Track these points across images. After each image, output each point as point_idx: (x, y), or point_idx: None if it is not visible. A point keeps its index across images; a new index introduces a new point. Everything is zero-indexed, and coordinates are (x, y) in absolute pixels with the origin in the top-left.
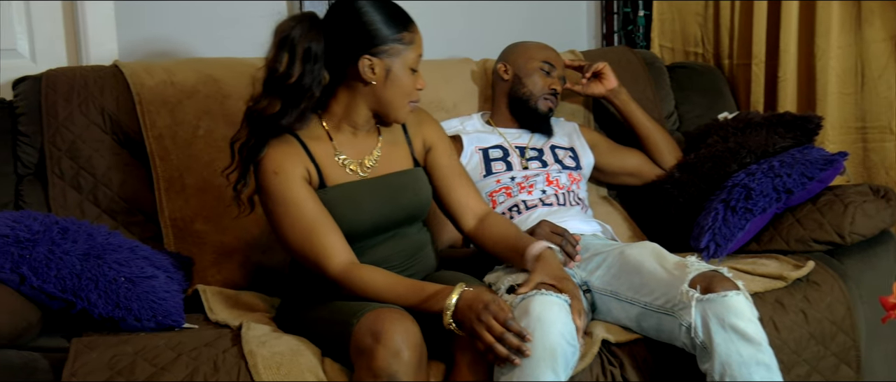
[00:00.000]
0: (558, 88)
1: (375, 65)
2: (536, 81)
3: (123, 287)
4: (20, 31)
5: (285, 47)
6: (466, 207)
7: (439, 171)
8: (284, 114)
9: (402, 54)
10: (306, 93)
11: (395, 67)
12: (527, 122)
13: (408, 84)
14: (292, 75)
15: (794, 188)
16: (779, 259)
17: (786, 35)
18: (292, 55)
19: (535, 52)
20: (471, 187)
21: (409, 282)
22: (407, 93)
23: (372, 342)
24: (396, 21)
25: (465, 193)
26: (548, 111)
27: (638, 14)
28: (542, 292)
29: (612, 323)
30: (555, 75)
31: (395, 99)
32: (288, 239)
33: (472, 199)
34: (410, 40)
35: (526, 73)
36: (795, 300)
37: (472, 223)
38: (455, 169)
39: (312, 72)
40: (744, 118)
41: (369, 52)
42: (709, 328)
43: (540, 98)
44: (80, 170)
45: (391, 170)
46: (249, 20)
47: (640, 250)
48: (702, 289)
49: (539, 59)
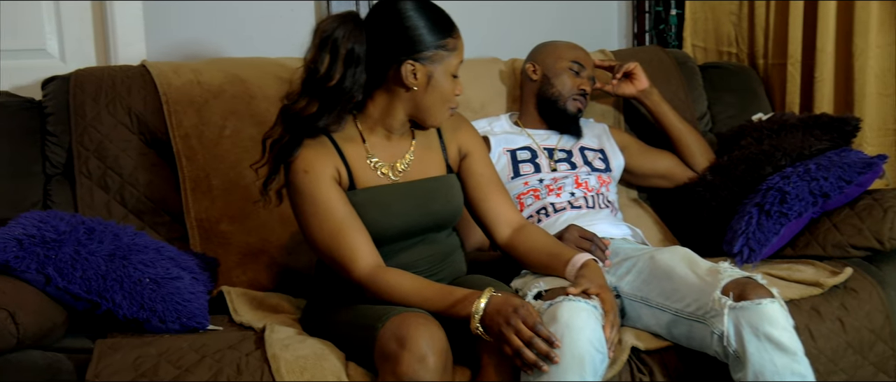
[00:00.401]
0: (588, 89)
1: (418, 71)
2: (565, 82)
3: (148, 288)
4: (50, 31)
5: (327, 48)
6: (501, 217)
7: (474, 179)
8: (321, 115)
9: (445, 60)
10: (346, 95)
11: (437, 73)
12: (555, 123)
13: (448, 90)
14: (333, 77)
15: (831, 192)
16: (815, 265)
17: (823, 34)
18: (334, 56)
19: (564, 51)
20: (506, 197)
21: (436, 286)
22: (447, 99)
23: (397, 347)
24: (441, 26)
25: (500, 202)
26: (577, 112)
27: (670, 13)
28: (571, 297)
29: (642, 330)
30: (584, 75)
31: (434, 105)
32: (315, 239)
33: (508, 210)
34: (454, 47)
35: (555, 73)
36: (832, 307)
37: (506, 233)
38: (491, 177)
39: (353, 76)
40: (779, 119)
41: (412, 57)
42: (742, 336)
43: (569, 98)
44: (108, 170)
45: (423, 176)
46: (278, 20)
47: (671, 255)
48: (735, 296)
49: (568, 59)
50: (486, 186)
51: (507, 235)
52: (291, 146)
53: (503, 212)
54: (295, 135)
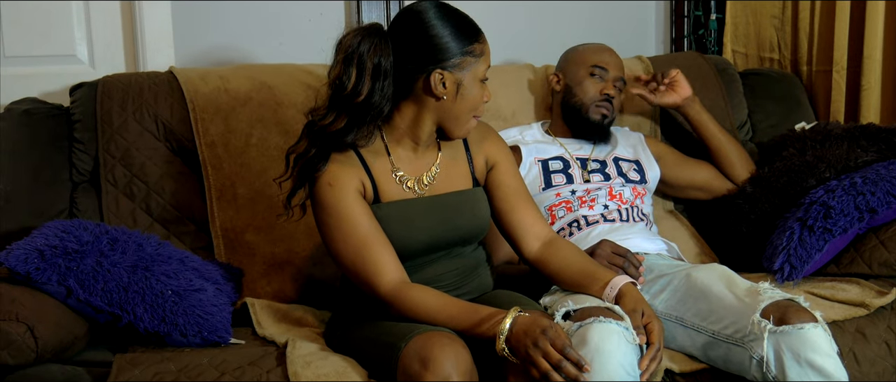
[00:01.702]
0: (612, 93)
1: (447, 80)
2: (587, 89)
3: (170, 301)
4: (79, 37)
5: (353, 63)
6: (529, 230)
7: (501, 191)
8: (350, 130)
9: (472, 67)
10: (375, 110)
11: (466, 81)
12: (581, 133)
13: (477, 97)
14: (361, 93)
15: (879, 207)
16: (860, 284)
17: (870, 39)
18: (361, 71)
19: (585, 55)
20: (534, 209)
21: (461, 304)
22: (474, 106)
23: (420, 368)
24: (466, 32)
25: (528, 215)
26: (601, 119)
27: (710, 17)
28: (602, 319)
29: (676, 351)
30: (608, 79)
31: (463, 113)
32: (339, 254)
33: (536, 222)
34: (481, 52)
35: (576, 81)
36: (879, 330)
37: (534, 247)
38: (519, 189)
39: (382, 89)
40: (823, 129)
41: (440, 65)
42: (783, 362)
43: (591, 106)
44: (134, 178)
45: (449, 190)
46: (307, 24)
47: (709, 273)
48: (776, 320)
49: (589, 64)
50: (513, 198)
51: (536, 249)
52: (317, 161)
53: (531, 225)
54: (322, 150)
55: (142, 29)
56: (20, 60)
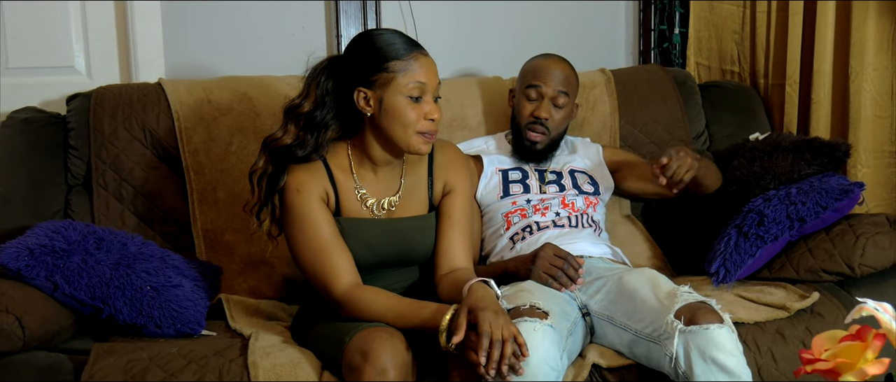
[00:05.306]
0: (543, 115)
1: (370, 97)
2: (521, 110)
3: (148, 295)
4: (78, 49)
5: (308, 85)
6: (448, 254)
7: (444, 215)
8: (299, 145)
9: (391, 83)
10: (316, 124)
11: (387, 97)
12: (521, 152)
13: (408, 114)
14: (303, 107)
15: (807, 216)
16: (786, 288)
17: (820, 55)
18: (308, 90)
19: (524, 73)
20: (464, 240)
21: (408, 302)
22: (408, 123)
23: (361, 360)
24: (388, 51)
25: (455, 244)
26: (531, 144)
27: (674, 32)
28: (526, 319)
29: (607, 348)
30: (546, 96)
31: (396, 130)
32: (300, 256)
33: (459, 252)
34: (402, 68)
35: (517, 101)
36: (797, 331)
37: (443, 270)
38: (459, 219)
39: (323, 106)
40: (773, 141)
41: (361, 84)
42: (691, 360)
43: (525, 128)
44: (123, 182)
45: (405, 214)
46: (289, 39)
47: (638, 276)
48: (686, 320)
49: (525, 84)
50: (453, 226)
51: (443, 272)
52: (277, 176)
53: (453, 252)
54: (278, 166)
55: (135, 41)
56: (21, 71)
